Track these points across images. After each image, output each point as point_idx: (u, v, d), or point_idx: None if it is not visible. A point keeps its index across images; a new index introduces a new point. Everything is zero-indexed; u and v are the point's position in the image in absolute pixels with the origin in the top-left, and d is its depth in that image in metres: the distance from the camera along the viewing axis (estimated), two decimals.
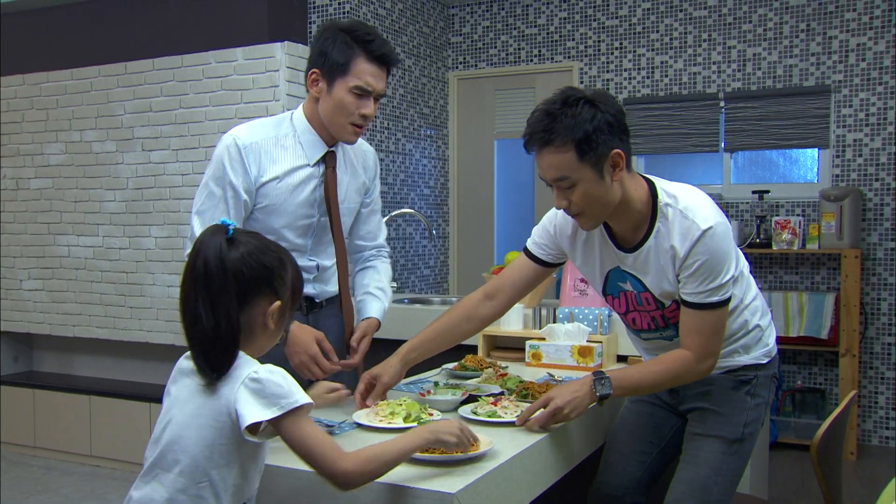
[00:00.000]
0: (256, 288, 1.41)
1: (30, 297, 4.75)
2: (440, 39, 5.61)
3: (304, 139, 2.13)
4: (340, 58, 2.02)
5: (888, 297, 4.68)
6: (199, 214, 2.05)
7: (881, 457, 4.48)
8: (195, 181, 4.19)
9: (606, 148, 1.77)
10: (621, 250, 1.95)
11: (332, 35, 2.04)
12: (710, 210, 1.86)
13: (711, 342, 1.87)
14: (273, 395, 1.35)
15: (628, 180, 1.87)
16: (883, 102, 4.66)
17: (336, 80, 2.04)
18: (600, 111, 1.77)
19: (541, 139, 1.79)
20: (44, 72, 4.65)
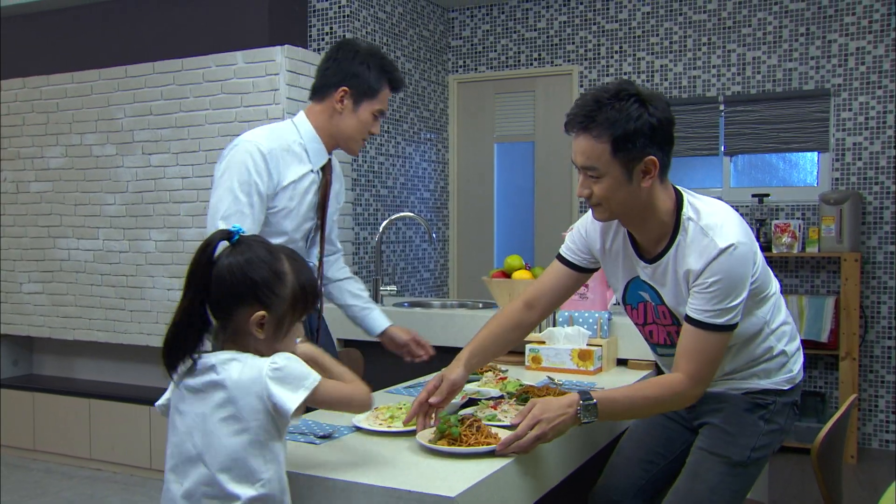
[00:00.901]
0: (236, 297, 1.46)
1: (30, 300, 4.75)
2: (440, 43, 5.61)
3: (310, 147, 2.27)
4: (375, 84, 2.25)
5: (888, 301, 4.68)
6: (225, 220, 2.10)
7: (881, 460, 4.48)
8: (195, 185, 4.19)
9: (642, 152, 1.74)
10: (642, 260, 1.93)
11: (364, 59, 2.25)
12: (733, 229, 1.78)
13: (706, 369, 1.78)
14: (297, 378, 1.44)
15: (659, 189, 1.82)
16: (882, 106, 4.66)
17: (363, 102, 2.26)
18: (648, 113, 1.72)
19: (581, 124, 1.76)
20: (44, 75, 4.66)
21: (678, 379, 1.78)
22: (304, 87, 4.11)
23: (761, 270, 1.88)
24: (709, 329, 1.77)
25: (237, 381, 1.44)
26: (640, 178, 1.76)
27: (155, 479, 4.25)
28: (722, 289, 1.75)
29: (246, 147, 2.15)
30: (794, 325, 2.04)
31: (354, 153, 2.37)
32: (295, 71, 4.05)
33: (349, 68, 2.24)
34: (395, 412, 1.91)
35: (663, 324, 1.97)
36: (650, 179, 1.77)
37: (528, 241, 5.58)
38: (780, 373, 1.98)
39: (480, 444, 1.68)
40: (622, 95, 1.73)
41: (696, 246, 1.79)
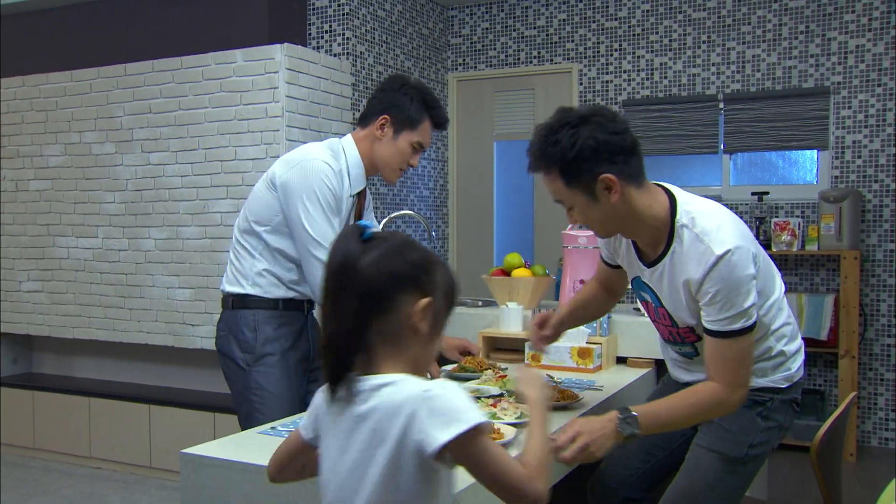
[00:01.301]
0: (396, 286, 1.24)
1: (29, 298, 4.75)
2: (439, 41, 5.61)
3: (352, 171, 2.40)
4: (416, 116, 2.37)
5: (887, 299, 4.68)
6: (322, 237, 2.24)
7: (881, 458, 4.48)
8: (195, 183, 4.19)
9: (591, 173, 1.76)
10: (642, 262, 1.96)
11: (409, 92, 2.37)
12: (729, 233, 1.78)
13: (740, 372, 1.79)
14: (453, 411, 1.16)
15: (637, 197, 1.83)
16: (882, 104, 4.66)
17: (403, 132, 2.38)
18: (582, 136, 1.74)
19: (533, 166, 1.85)
20: (43, 73, 4.65)
21: (715, 388, 1.80)
22: (303, 85, 4.11)
23: (763, 271, 1.88)
24: (728, 336, 1.78)
25: (387, 407, 1.20)
26: (605, 195, 1.79)
27: (154, 477, 4.25)
28: (727, 296, 1.76)
29: (321, 167, 2.27)
30: (796, 323, 2.04)
31: (391, 181, 2.47)
32: (294, 69, 4.04)
33: (392, 98, 2.37)
34: None
35: (664, 324, 2.01)
36: (616, 194, 1.79)
37: (527, 240, 5.58)
38: (777, 371, 1.99)
39: None
40: (556, 127, 1.78)
41: (693, 254, 1.81)
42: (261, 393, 2.33)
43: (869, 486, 4.02)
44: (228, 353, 2.40)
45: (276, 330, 2.37)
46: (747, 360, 1.81)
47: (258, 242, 2.36)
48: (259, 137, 4.02)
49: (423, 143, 2.41)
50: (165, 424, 4.23)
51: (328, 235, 2.21)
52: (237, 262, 2.41)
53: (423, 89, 2.40)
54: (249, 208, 2.39)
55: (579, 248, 2.99)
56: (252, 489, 1.62)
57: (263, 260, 2.36)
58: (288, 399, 2.34)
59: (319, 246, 2.22)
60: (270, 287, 2.37)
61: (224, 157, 4.11)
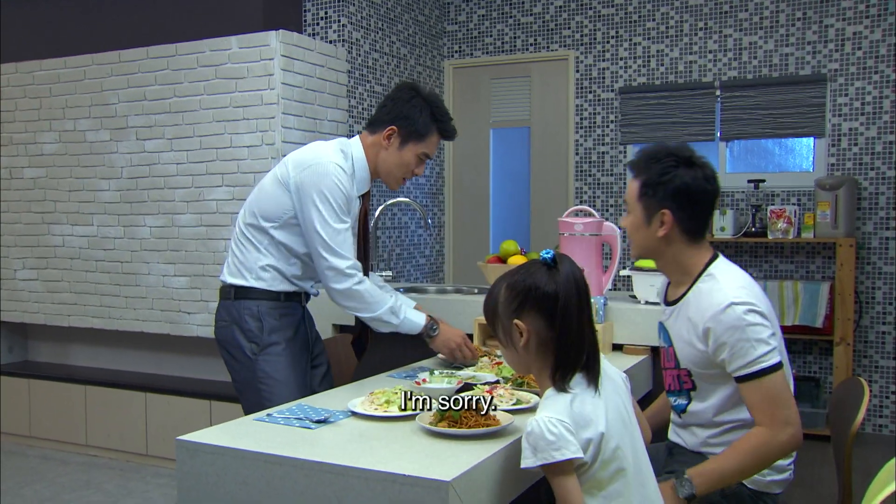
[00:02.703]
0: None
1: (24, 286, 4.73)
2: (435, 28, 5.58)
3: (358, 175, 2.44)
4: (423, 129, 2.41)
5: (882, 286, 4.69)
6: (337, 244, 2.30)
7: (875, 444, 4.50)
8: (189, 170, 4.18)
9: (658, 202, 1.94)
10: (665, 303, 2.09)
11: (418, 104, 2.41)
12: (745, 293, 1.86)
13: (781, 409, 1.80)
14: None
15: (682, 248, 1.97)
16: (879, 91, 4.66)
17: (410, 143, 2.42)
18: (679, 176, 1.92)
19: (632, 166, 2.03)
20: (36, 60, 4.63)
21: (760, 430, 1.83)
22: (298, 72, 4.09)
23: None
24: (753, 378, 1.82)
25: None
26: (657, 226, 1.96)
27: (150, 465, 4.25)
28: (736, 344, 1.82)
29: (334, 170, 2.30)
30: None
31: (393, 188, 2.54)
32: (289, 56, 4.02)
33: (402, 109, 2.40)
34: (390, 397, 1.91)
35: (670, 367, 2.05)
36: (665, 230, 1.95)
37: (523, 227, 5.58)
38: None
39: (480, 426, 1.70)
40: (667, 153, 1.97)
41: (705, 297, 1.89)
42: (268, 381, 2.36)
43: (863, 472, 4.03)
44: (233, 342, 2.42)
45: (278, 320, 2.41)
46: (781, 397, 1.81)
47: (264, 237, 2.40)
48: (254, 125, 4.01)
49: (429, 155, 2.46)
50: (162, 412, 4.23)
51: (339, 240, 2.29)
52: (240, 254, 2.44)
53: (434, 102, 2.44)
54: (257, 204, 2.41)
55: (575, 236, 2.98)
56: (248, 475, 1.62)
57: (269, 255, 2.40)
58: (296, 386, 2.37)
59: (331, 251, 2.29)
60: (274, 281, 2.41)
61: (219, 145, 4.10)
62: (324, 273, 2.32)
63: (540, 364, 1.61)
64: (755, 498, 1.92)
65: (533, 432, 1.50)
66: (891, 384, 4.70)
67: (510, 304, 1.61)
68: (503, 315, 1.63)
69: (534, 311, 1.58)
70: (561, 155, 5.44)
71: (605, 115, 5.28)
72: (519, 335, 1.60)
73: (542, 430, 1.48)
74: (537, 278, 1.59)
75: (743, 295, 1.85)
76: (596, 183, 5.33)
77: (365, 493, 1.50)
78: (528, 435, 1.51)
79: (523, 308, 1.59)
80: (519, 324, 1.59)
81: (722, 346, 1.84)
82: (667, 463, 2.11)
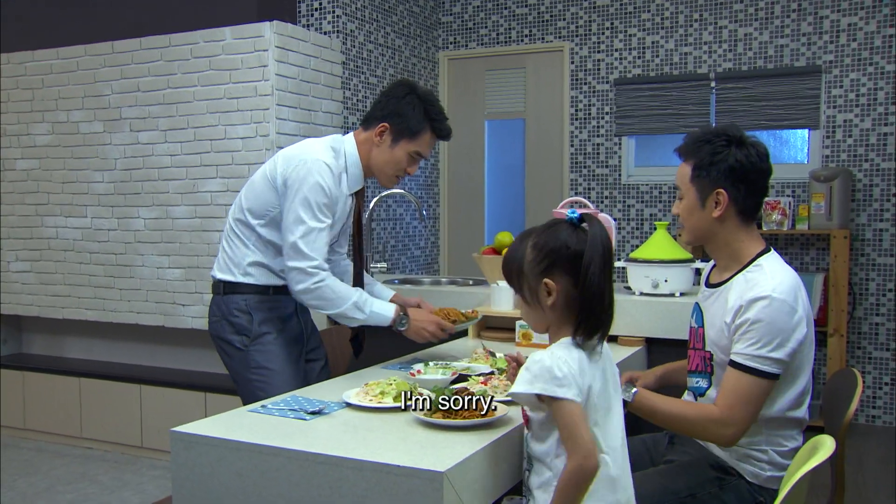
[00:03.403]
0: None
1: (18, 279, 4.72)
2: (430, 19, 5.57)
3: (350, 171, 2.40)
4: (416, 126, 2.35)
5: (876, 278, 4.70)
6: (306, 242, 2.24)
7: (868, 436, 4.52)
8: (184, 162, 4.16)
9: (714, 183, 1.94)
10: (706, 285, 2.09)
11: (412, 101, 2.35)
12: (785, 286, 1.85)
13: (739, 409, 1.82)
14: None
15: (735, 228, 1.97)
16: (873, 83, 4.66)
17: (402, 141, 2.37)
18: (731, 154, 1.94)
19: (682, 150, 2.03)
20: (29, 51, 4.60)
21: (714, 411, 1.85)
22: (293, 63, 4.08)
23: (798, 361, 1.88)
24: (742, 370, 1.83)
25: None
26: (711, 207, 1.96)
27: (145, 457, 4.25)
28: (758, 332, 1.82)
29: (319, 168, 2.27)
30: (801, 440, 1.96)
31: (386, 186, 2.49)
32: (284, 47, 4.01)
33: (395, 106, 2.35)
34: (385, 388, 1.91)
35: (697, 347, 2.05)
36: (720, 211, 1.95)
37: (518, 218, 5.58)
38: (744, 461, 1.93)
39: (474, 417, 1.70)
40: (719, 133, 1.98)
41: (751, 284, 1.88)
42: (261, 371, 2.36)
43: (855, 463, 4.06)
44: (224, 337, 2.43)
45: (268, 312, 2.41)
46: (750, 402, 1.82)
47: (252, 234, 2.39)
48: (249, 116, 3.99)
49: (421, 153, 2.40)
50: (156, 404, 4.23)
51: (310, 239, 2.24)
52: (229, 249, 2.44)
53: (428, 100, 2.38)
54: (246, 198, 2.41)
55: None
56: (243, 467, 1.62)
57: (257, 252, 2.40)
58: (290, 375, 2.37)
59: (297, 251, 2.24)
60: (262, 277, 2.42)
61: (214, 136, 4.08)
62: (287, 271, 2.28)
63: (561, 321, 1.62)
64: (754, 493, 1.92)
65: (542, 362, 1.52)
66: (884, 375, 4.72)
67: (539, 264, 1.61)
68: (530, 274, 1.62)
69: (562, 271, 1.59)
70: (556, 146, 5.44)
71: (600, 106, 5.28)
72: (547, 294, 1.60)
73: (551, 365, 1.51)
74: (565, 238, 1.59)
75: (784, 292, 1.84)
76: (591, 174, 5.33)
77: (359, 484, 1.50)
78: (535, 363, 1.53)
79: (553, 267, 1.60)
80: (549, 282, 1.60)
81: (741, 326, 1.84)
82: (667, 451, 2.11)
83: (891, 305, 4.68)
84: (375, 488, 1.49)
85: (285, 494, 1.58)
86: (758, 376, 1.81)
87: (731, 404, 1.82)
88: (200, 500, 1.67)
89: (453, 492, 1.46)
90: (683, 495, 1.90)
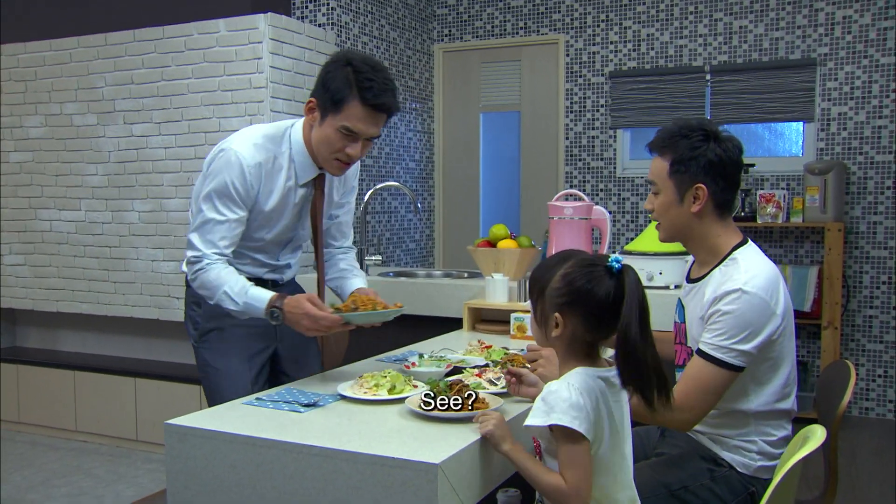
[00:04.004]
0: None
1: (11, 272, 4.71)
2: (425, 11, 5.55)
3: (297, 159, 2.15)
4: (338, 94, 2.00)
5: (870, 271, 4.72)
6: (199, 233, 2.09)
7: (861, 428, 4.54)
8: (178, 154, 4.15)
9: (694, 178, 1.93)
10: (686, 280, 2.08)
11: (336, 68, 2.02)
12: (759, 280, 1.84)
13: (694, 396, 1.82)
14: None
15: (714, 223, 1.96)
16: (868, 76, 4.66)
17: (328, 115, 2.04)
18: (710, 148, 1.93)
19: (656, 144, 2.01)
20: (21, 43, 4.57)
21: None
22: (287, 55, 4.07)
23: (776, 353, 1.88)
24: (706, 359, 1.83)
25: None
26: (690, 202, 1.95)
27: (140, 450, 4.25)
28: (727, 323, 1.82)
29: (229, 157, 2.08)
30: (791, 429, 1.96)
31: (333, 173, 2.16)
32: (278, 39, 3.99)
33: (322, 77, 2.05)
34: (379, 380, 1.91)
35: (681, 342, 2.07)
36: (699, 206, 1.94)
37: (513, 211, 5.58)
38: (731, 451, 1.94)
39: (468, 409, 1.70)
40: (694, 127, 1.96)
41: (726, 277, 1.89)
42: (207, 370, 2.24)
43: (848, 455, 4.08)
44: (188, 330, 2.32)
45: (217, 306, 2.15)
46: (707, 391, 1.82)
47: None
48: (243, 109, 3.98)
49: (350, 128, 2.01)
50: (151, 397, 4.22)
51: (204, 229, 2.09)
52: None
53: (358, 65, 2.00)
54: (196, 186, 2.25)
55: (565, 220, 2.98)
56: (237, 459, 1.62)
57: None
58: (236, 374, 2.17)
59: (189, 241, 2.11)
60: None
61: (208, 129, 4.07)
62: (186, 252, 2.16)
63: (567, 356, 1.58)
64: (745, 483, 1.93)
65: (558, 392, 1.47)
66: (877, 368, 4.73)
67: (560, 296, 1.54)
68: (548, 299, 1.57)
69: (578, 313, 1.53)
70: (551, 139, 5.43)
71: (595, 99, 5.27)
72: (554, 326, 1.56)
73: (570, 394, 1.46)
74: (595, 285, 1.51)
75: (758, 286, 1.83)
76: (586, 167, 5.33)
77: (354, 476, 1.50)
78: (551, 394, 1.48)
79: (571, 306, 1.54)
80: (558, 317, 1.55)
81: (711, 317, 1.85)
82: (658, 444, 2.12)
83: (885, 298, 4.69)
84: (370, 480, 1.49)
85: (280, 487, 1.58)
86: (721, 367, 1.82)
87: (688, 391, 1.83)
88: (195, 492, 1.67)
89: (447, 484, 1.46)
90: (676, 488, 1.91)
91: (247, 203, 2.10)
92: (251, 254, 2.24)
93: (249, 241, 2.20)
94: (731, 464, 1.93)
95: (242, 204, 2.09)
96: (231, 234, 2.10)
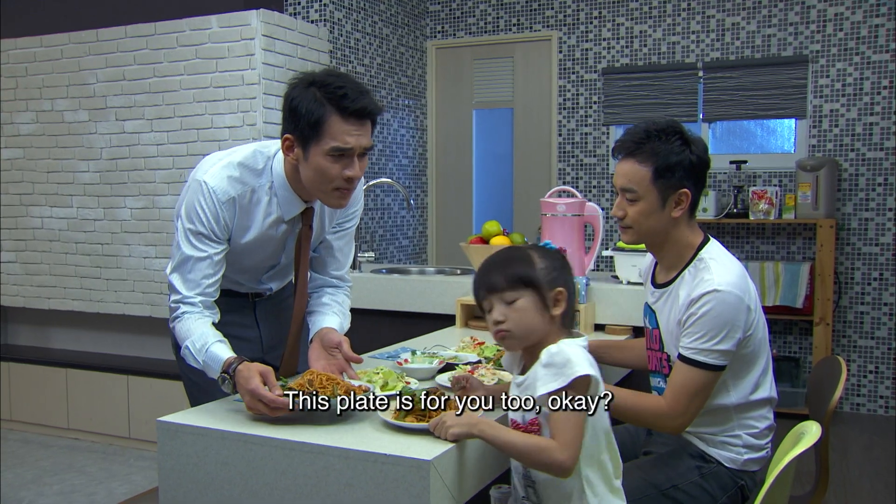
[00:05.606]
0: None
1: (3, 269, 4.68)
2: (418, 8, 5.54)
3: (279, 194, 1.95)
4: (314, 119, 1.78)
5: (861, 267, 4.73)
6: (180, 273, 1.91)
7: (852, 423, 4.56)
8: (170, 151, 4.14)
9: (679, 183, 1.91)
10: (653, 285, 2.07)
11: (300, 92, 1.81)
12: (731, 277, 1.86)
13: (684, 401, 1.84)
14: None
15: (686, 224, 1.96)
16: (859, 73, 4.68)
17: (311, 145, 1.81)
18: (690, 151, 1.91)
19: (629, 149, 1.94)
20: (11, 38, 4.55)
21: (661, 404, 1.87)
22: (279, 52, 4.06)
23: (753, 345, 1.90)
24: (689, 364, 1.85)
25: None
26: (671, 207, 1.93)
27: (133, 448, 4.24)
28: (705, 325, 1.83)
29: (201, 190, 1.91)
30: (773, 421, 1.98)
31: (336, 206, 1.93)
32: (271, 35, 3.98)
33: (288, 107, 1.83)
34: (371, 377, 1.91)
35: (654, 349, 2.05)
36: (680, 210, 1.93)
37: (506, 208, 5.58)
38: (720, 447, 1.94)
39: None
40: (669, 131, 1.92)
41: (693, 280, 1.90)
42: (184, 380, 2.20)
43: (840, 450, 4.10)
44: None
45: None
46: (696, 394, 1.84)
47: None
48: (236, 105, 3.97)
49: (340, 147, 1.80)
50: (143, 395, 4.21)
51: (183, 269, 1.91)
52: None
53: (322, 79, 1.81)
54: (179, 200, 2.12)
55: (557, 216, 2.99)
56: (229, 456, 1.62)
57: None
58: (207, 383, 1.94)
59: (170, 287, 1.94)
60: None
61: (200, 125, 4.06)
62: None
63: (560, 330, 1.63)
64: (734, 477, 1.94)
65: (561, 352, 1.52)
66: (869, 364, 4.76)
67: (552, 272, 1.63)
68: (546, 282, 1.61)
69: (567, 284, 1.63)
70: (544, 136, 5.43)
71: (588, 95, 5.28)
72: (555, 302, 1.61)
73: (561, 350, 1.52)
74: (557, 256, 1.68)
75: (731, 283, 1.85)
76: (579, 164, 5.34)
77: (346, 473, 1.50)
78: (553, 356, 1.52)
79: (563, 277, 1.64)
80: (562, 291, 1.62)
81: (688, 320, 1.86)
82: (645, 443, 2.13)
83: (876, 294, 4.72)
84: (362, 476, 1.49)
85: (272, 483, 1.58)
86: (704, 369, 1.84)
87: (677, 397, 1.85)
88: (187, 489, 1.67)
89: (440, 480, 1.46)
90: (666, 487, 1.91)
91: (222, 237, 1.95)
92: (231, 274, 2.07)
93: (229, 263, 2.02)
94: (718, 460, 1.94)
95: (219, 239, 1.94)
96: (214, 268, 1.94)
